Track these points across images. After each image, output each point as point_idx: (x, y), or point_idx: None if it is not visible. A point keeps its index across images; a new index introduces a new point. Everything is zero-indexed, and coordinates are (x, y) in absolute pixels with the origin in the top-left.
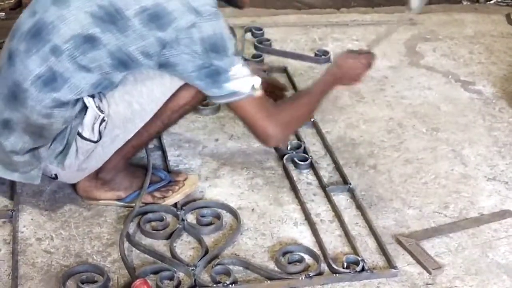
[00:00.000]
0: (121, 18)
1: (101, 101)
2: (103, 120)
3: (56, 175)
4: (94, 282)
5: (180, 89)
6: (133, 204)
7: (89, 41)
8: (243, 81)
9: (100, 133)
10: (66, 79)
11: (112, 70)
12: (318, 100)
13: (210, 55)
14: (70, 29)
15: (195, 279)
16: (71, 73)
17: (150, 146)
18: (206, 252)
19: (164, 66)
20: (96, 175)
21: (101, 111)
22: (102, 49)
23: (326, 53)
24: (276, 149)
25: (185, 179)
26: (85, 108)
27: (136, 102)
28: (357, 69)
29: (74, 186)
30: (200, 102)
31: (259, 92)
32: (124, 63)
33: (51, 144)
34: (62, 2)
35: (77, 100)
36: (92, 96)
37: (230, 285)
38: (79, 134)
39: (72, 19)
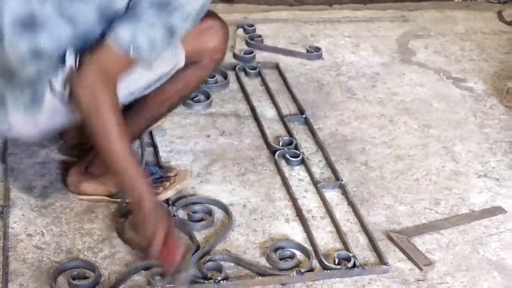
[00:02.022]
0: None
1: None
2: None
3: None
4: (85, 278)
5: (164, 83)
6: (125, 200)
7: None
8: (144, 39)
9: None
10: (44, 26)
11: (94, 28)
12: (120, 162)
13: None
14: None
15: None
16: (52, 22)
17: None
18: (198, 248)
19: None
20: (86, 169)
21: None
22: (90, 4)
23: (318, 49)
24: (268, 145)
25: (176, 175)
26: (64, 62)
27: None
28: (147, 237)
29: (64, 180)
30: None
31: (133, 58)
32: (109, 21)
33: (20, 94)
34: None
35: (58, 57)
36: (76, 53)
37: (221, 281)
38: (50, 86)
39: None
